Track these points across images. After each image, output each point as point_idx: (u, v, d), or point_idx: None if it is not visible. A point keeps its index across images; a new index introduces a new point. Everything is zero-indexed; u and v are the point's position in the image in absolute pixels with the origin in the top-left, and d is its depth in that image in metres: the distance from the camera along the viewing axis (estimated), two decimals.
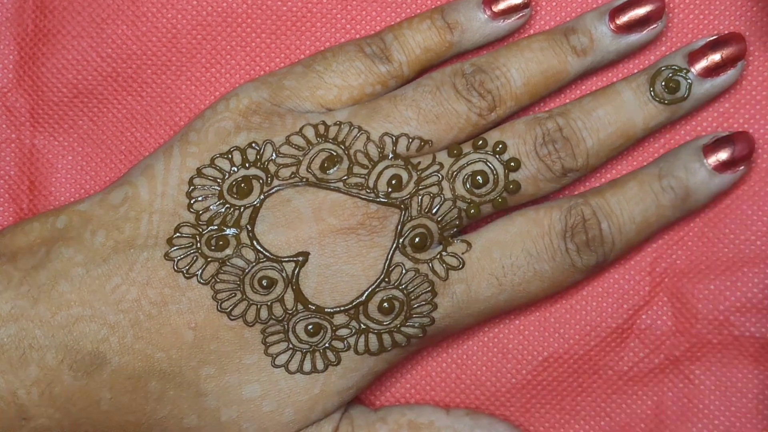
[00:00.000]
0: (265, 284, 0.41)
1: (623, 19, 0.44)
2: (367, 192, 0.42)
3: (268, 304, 0.41)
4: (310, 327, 0.42)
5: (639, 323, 0.46)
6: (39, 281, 0.41)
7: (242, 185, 0.42)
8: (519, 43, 0.45)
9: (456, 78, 0.44)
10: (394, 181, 0.42)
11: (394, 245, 0.42)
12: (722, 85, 0.44)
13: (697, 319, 0.46)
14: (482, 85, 0.44)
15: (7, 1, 0.47)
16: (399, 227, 0.42)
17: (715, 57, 0.44)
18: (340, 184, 0.42)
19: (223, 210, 0.42)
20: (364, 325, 0.42)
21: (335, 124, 0.43)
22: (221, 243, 0.41)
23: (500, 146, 0.43)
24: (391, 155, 0.43)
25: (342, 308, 0.42)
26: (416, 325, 0.42)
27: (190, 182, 0.42)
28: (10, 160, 0.47)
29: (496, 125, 0.45)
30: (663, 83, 0.44)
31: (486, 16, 0.45)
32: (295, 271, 0.41)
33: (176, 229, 0.42)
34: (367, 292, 0.42)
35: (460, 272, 0.43)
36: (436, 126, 0.43)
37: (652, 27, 0.44)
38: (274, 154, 0.42)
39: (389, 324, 0.42)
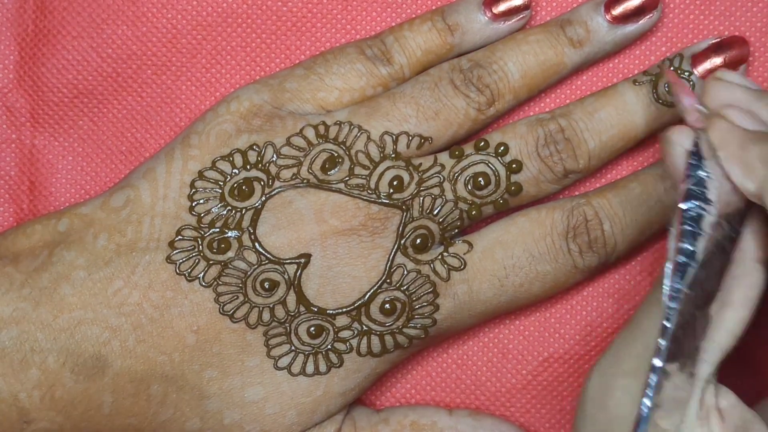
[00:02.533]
0: (267, 286, 0.41)
1: (618, 9, 0.44)
2: (368, 193, 0.42)
3: (271, 306, 0.41)
4: (313, 329, 0.42)
5: None
6: (41, 284, 0.41)
7: (243, 187, 0.42)
8: (515, 36, 0.45)
9: (454, 74, 0.44)
10: (395, 182, 0.42)
11: (396, 246, 0.42)
12: None
13: None
14: (480, 79, 0.44)
15: (7, 1, 0.47)
16: (400, 228, 0.42)
17: (718, 60, 0.44)
18: (342, 185, 0.42)
19: (224, 212, 0.42)
20: (366, 326, 0.42)
21: (335, 123, 0.43)
22: (223, 246, 0.41)
23: (502, 148, 0.43)
24: (392, 154, 0.43)
25: (344, 310, 0.42)
26: (418, 326, 0.42)
27: (192, 185, 0.42)
28: (10, 161, 0.47)
29: (495, 120, 0.45)
30: (666, 85, 0.44)
31: (486, 18, 0.45)
32: (297, 273, 0.41)
33: (178, 232, 0.42)
34: (368, 294, 0.42)
35: (461, 273, 0.43)
36: (435, 122, 0.43)
37: (648, 17, 0.44)
38: (275, 156, 0.42)
39: (391, 325, 0.42)
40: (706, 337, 0.36)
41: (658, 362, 0.34)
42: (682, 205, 0.35)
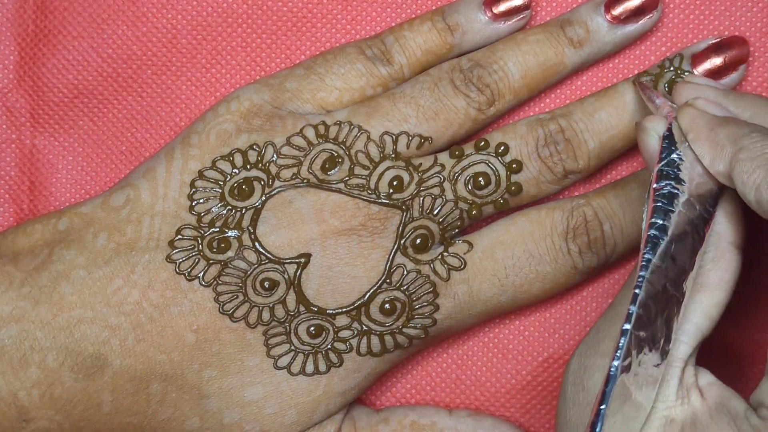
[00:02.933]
0: (267, 286, 0.41)
1: (618, 9, 0.44)
2: (368, 193, 0.42)
3: (270, 305, 0.41)
4: (312, 328, 0.42)
5: None
6: (40, 282, 0.41)
7: (243, 187, 0.42)
8: (515, 36, 0.45)
9: (454, 74, 0.44)
10: (395, 182, 0.42)
11: (396, 246, 0.42)
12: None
13: None
14: (480, 79, 0.44)
15: (7, 1, 0.47)
16: (400, 228, 0.42)
17: (718, 60, 0.44)
18: (342, 185, 0.42)
19: (224, 212, 0.42)
20: (366, 326, 0.42)
21: (335, 123, 0.43)
22: (223, 245, 0.41)
23: (502, 147, 0.43)
24: (392, 154, 0.43)
25: (344, 309, 0.42)
26: (418, 326, 0.42)
27: (192, 184, 0.42)
28: (10, 161, 0.47)
29: (495, 120, 0.45)
30: (666, 85, 0.44)
31: (487, 18, 0.45)
32: (297, 273, 0.41)
33: (178, 232, 0.42)
34: (368, 294, 0.42)
35: (461, 273, 0.43)
36: (435, 122, 0.43)
37: (648, 17, 0.45)
38: (275, 156, 0.42)
39: (391, 325, 0.42)
40: (682, 315, 0.37)
41: (626, 326, 0.35)
42: (655, 185, 0.37)
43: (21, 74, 0.47)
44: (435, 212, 0.42)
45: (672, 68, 0.44)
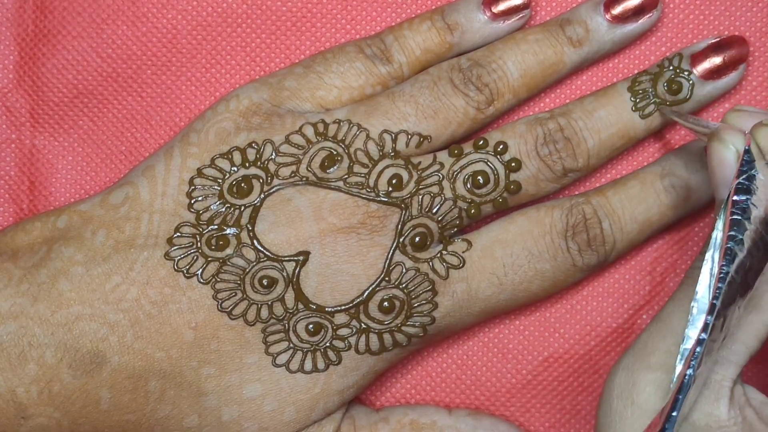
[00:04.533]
0: (265, 284, 0.41)
1: (618, 9, 0.44)
2: (367, 191, 0.42)
3: (269, 303, 0.41)
4: (311, 326, 0.42)
5: (640, 323, 0.46)
6: (39, 279, 0.41)
7: (242, 185, 0.42)
8: (515, 36, 0.45)
9: (453, 73, 0.44)
10: (394, 181, 0.42)
11: (395, 244, 0.42)
12: (724, 87, 0.44)
13: None
14: (479, 78, 0.44)
15: (7, 1, 0.47)
16: (399, 226, 0.42)
17: (717, 60, 0.44)
18: (341, 183, 0.42)
19: (223, 209, 0.42)
20: (365, 324, 0.42)
21: (334, 122, 0.43)
22: (221, 242, 0.41)
23: (501, 146, 0.43)
24: (391, 153, 0.43)
25: (342, 307, 0.42)
26: (417, 324, 0.42)
27: (191, 182, 0.42)
28: (10, 161, 0.47)
29: (495, 120, 0.45)
30: (665, 84, 0.44)
31: (486, 17, 0.45)
32: (296, 271, 0.41)
33: (176, 229, 0.42)
34: (367, 292, 0.42)
35: (460, 271, 0.43)
36: (434, 121, 0.43)
37: (647, 16, 0.45)
38: (273, 154, 0.42)
39: (390, 323, 0.42)
40: (732, 334, 0.37)
41: (703, 335, 0.35)
42: (735, 197, 0.37)
43: (21, 74, 0.47)
44: (434, 211, 0.42)
45: (671, 67, 0.44)
